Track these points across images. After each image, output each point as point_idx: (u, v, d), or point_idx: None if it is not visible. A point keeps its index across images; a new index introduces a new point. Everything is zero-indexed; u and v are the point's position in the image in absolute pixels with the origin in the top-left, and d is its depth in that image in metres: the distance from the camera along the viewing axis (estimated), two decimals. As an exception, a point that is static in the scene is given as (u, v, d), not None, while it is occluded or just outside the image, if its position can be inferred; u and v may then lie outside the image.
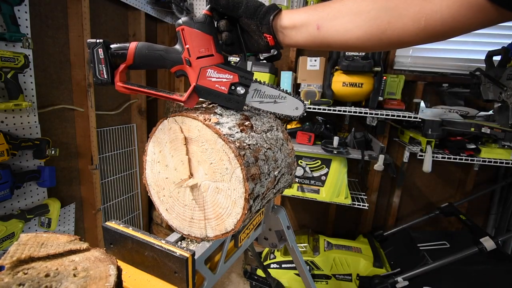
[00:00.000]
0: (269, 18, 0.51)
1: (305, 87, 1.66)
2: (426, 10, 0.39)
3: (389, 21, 0.42)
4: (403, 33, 0.42)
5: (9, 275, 0.34)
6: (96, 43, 0.53)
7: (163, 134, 0.59)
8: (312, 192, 1.65)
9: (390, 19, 0.42)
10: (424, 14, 0.39)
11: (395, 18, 0.42)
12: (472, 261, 1.41)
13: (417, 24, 0.40)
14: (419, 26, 0.40)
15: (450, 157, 1.51)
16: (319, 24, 0.49)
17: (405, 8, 0.41)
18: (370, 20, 0.44)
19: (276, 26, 0.52)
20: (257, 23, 0.52)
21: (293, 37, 0.52)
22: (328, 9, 0.49)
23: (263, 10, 0.52)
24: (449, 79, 1.80)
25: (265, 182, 0.57)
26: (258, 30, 0.53)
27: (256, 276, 1.64)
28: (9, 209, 1.10)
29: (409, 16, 0.40)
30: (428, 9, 0.39)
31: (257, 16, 0.52)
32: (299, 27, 0.51)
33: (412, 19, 0.40)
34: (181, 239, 0.64)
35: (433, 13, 0.39)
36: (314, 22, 0.49)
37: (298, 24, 0.51)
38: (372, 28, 0.44)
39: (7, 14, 0.98)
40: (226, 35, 0.54)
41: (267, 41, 0.53)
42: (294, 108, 0.65)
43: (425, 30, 0.40)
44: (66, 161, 1.38)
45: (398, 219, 2.11)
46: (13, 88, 1.02)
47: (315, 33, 0.50)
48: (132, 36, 1.73)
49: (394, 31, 0.42)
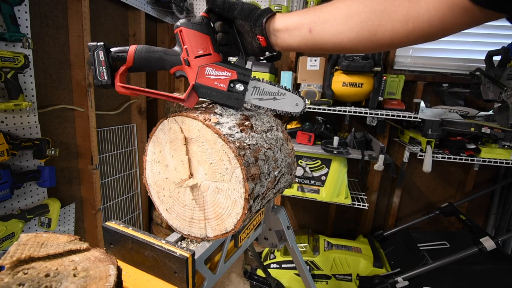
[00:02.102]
0: (262, 20, 0.52)
1: (305, 87, 1.66)
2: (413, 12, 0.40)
3: (379, 23, 0.44)
4: (393, 34, 0.43)
5: (9, 275, 0.34)
6: (97, 46, 0.54)
7: (163, 134, 0.59)
8: (312, 192, 1.65)
9: (380, 21, 0.43)
10: (412, 17, 0.40)
11: (385, 21, 0.43)
12: (472, 261, 1.41)
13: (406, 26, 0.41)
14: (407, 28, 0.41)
15: (450, 157, 1.51)
16: (311, 27, 0.50)
17: (393, 11, 0.42)
18: (361, 22, 0.45)
19: (269, 29, 0.53)
20: (251, 25, 0.53)
21: (286, 39, 0.53)
22: (320, 12, 0.50)
23: (257, 12, 0.53)
24: (449, 79, 1.80)
25: (265, 182, 0.57)
26: (251, 31, 0.54)
27: (256, 276, 1.64)
28: (9, 209, 1.10)
29: (397, 18, 0.42)
30: (415, 12, 0.40)
31: (251, 18, 0.53)
32: (292, 30, 0.52)
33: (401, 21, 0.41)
34: (181, 239, 0.64)
35: (420, 15, 0.40)
36: (307, 25, 0.51)
37: (291, 27, 0.52)
38: (363, 30, 0.45)
39: (7, 14, 0.98)
40: (221, 36, 0.56)
41: (259, 43, 0.55)
42: (294, 105, 0.66)
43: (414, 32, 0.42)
44: (66, 161, 1.38)
45: (398, 219, 2.11)
46: (13, 88, 1.02)
47: (308, 36, 0.51)
48: (132, 36, 1.73)
49: (385, 33, 0.44)
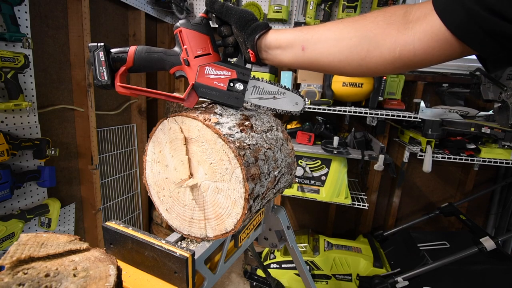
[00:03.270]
0: (254, 36, 0.53)
1: (305, 87, 1.67)
2: (401, 41, 0.43)
3: (368, 49, 0.46)
4: (380, 61, 0.46)
5: (9, 275, 0.34)
6: (97, 46, 0.54)
7: (163, 134, 0.59)
8: (312, 192, 1.65)
9: (369, 47, 0.46)
10: (399, 45, 0.43)
11: (373, 47, 0.45)
12: (472, 261, 1.41)
13: (393, 53, 0.44)
14: (394, 55, 0.44)
15: (450, 157, 1.51)
16: (304, 46, 0.51)
17: (382, 39, 0.45)
18: (351, 46, 0.47)
19: (260, 45, 0.54)
20: (244, 37, 0.54)
21: (278, 56, 0.54)
22: (313, 32, 0.51)
23: (252, 26, 0.54)
24: (449, 79, 1.80)
25: (265, 182, 0.57)
26: (244, 44, 0.55)
27: (256, 276, 1.64)
28: (9, 209, 1.10)
29: (386, 46, 0.44)
30: (403, 41, 0.43)
31: (245, 31, 0.54)
32: (285, 48, 0.53)
33: (389, 48, 0.44)
34: (181, 239, 0.64)
35: (407, 44, 0.43)
36: (300, 44, 0.52)
37: (283, 44, 0.53)
38: (353, 54, 0.48)
39: (7, 14, 0.98)
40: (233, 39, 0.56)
41: (249, 56, 0.56)
42: (294, 104, 0.66)
43: (400, 59, 0.44)
44: (66, 161, 1.38)
45: (398, 219, 2.11)
46: (13, 88, 1.02)
47: (300, 54, 0.52)
48: (132, 36, 1.73)
49: (372, 58, 0.46)
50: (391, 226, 2.05)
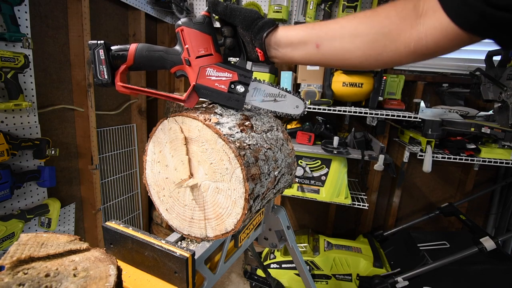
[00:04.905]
0: (262, 34, 0.52)
1: (305, 87, 1.66)
2: (414, 36, 0.45)
3: (385, 45, 0.47)
4: (396, 55, 0.47)
5: (9, 275, 0.34)
6: (97, 44, 0.54)
7: (163, 134, 0.59)
8: (312, 192, 1.65)
9: (386, 43, 0.47)
10: (413, 40, 0.45)
11: (390, 42, 0.47)
12: (472, 261, 1.41)
13: (408, 48, 0.46)
14: (409, 49, 0.46)
15: (450, 157, 1.51)
16: (319, 43, 0.51)
17: (397, 34, 0.46)
18: (368, 42, 0.48)
19: (269, 43, 0.54)
20: (252, 36, 0.54)
21: (288, 53, 0.54)
22: (326, 29, 0.51)
23: (259, 24, 0.53)
24: (449, 79, 1.80)
25: (265, 182, 0.57)
26: (251, 43, 0.54)
27: (256, 276, 1.64)
28: (9, 209, 1.10)
29: (400, 40, 0.46)
30: (416, 36, 0.44)
31: (252, 29, 0.53)
32: (296, 45, 0.53)
33: (403, 43, 0.46)
34: (181, 239, 0.64)
35: (420, 39, 0.44)
36: (313, 41, 0.51)
37: (295, 41, 0.53)
38: (371, 50, 0.49)
39: (7, 14, 0.98)
40: (231, 41, 0.56)
41: (257, 55, 0.55)
42: (295, 107, 0.65)
43: (414, 53, 0.46)
44: (66, 161, 1.38)
45: (398, 219, 2.11)
46: (13, 88, 1.02)
47: (314, 51, 0.52)
48: (132, 36, 1.73)
49: (389, 53, 0.48)
50: (391, 226, 2.05)
